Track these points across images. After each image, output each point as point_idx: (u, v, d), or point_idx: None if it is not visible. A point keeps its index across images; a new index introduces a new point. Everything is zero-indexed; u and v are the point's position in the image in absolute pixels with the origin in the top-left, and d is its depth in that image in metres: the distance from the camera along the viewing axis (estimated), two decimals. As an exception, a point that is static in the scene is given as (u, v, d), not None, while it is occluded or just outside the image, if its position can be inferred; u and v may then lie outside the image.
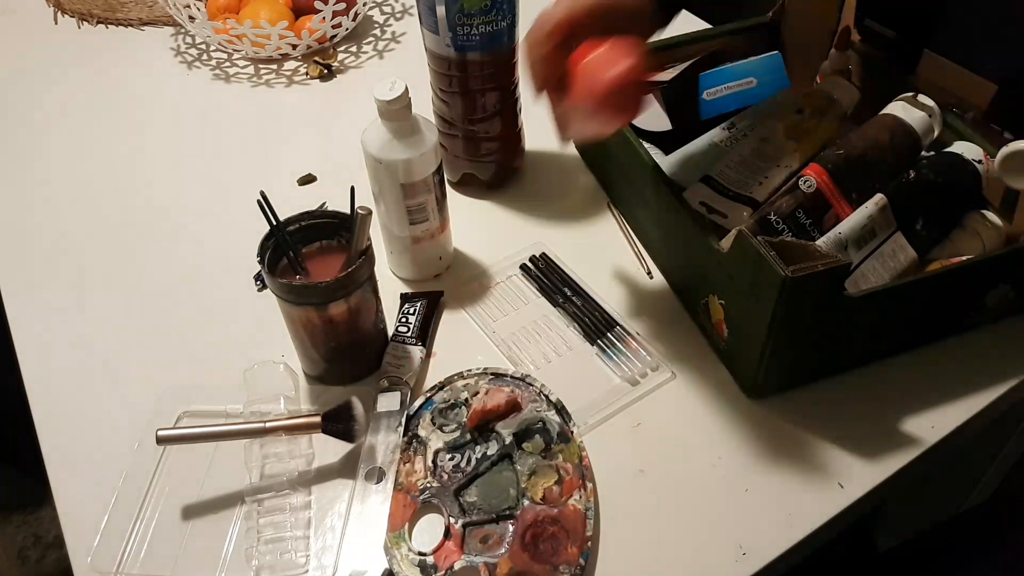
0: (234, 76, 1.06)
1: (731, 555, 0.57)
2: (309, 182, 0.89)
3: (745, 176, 0.69)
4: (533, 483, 0.60)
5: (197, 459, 0.63)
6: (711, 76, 0.79)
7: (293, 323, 0.64)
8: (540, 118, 0.83)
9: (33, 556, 1.39)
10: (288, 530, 0.59)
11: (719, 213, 0.68)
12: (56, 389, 0.69)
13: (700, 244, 0.64)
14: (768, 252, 0.55)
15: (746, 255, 0.58)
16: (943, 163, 0.66)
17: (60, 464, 0.64)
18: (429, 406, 0.65)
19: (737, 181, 0.69)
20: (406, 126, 0.66)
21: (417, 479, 0.61)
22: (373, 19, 1.16)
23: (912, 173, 0.64)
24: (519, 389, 0.66)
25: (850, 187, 0.64)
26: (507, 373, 0.67)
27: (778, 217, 0.63)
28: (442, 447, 0.62)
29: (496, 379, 0.67)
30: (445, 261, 0.78)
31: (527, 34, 0.59)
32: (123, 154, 0.94)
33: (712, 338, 0.69)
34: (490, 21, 0.72)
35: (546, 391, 0.65)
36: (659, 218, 0.73)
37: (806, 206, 0.63)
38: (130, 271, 0.80)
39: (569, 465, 0.61)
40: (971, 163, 0.65)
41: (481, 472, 0.61)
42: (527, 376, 0.67)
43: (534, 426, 0.63)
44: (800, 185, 0.64)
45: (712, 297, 0.65)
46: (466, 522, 0.58)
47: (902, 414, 0.64)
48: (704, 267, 0.66)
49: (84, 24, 1.17)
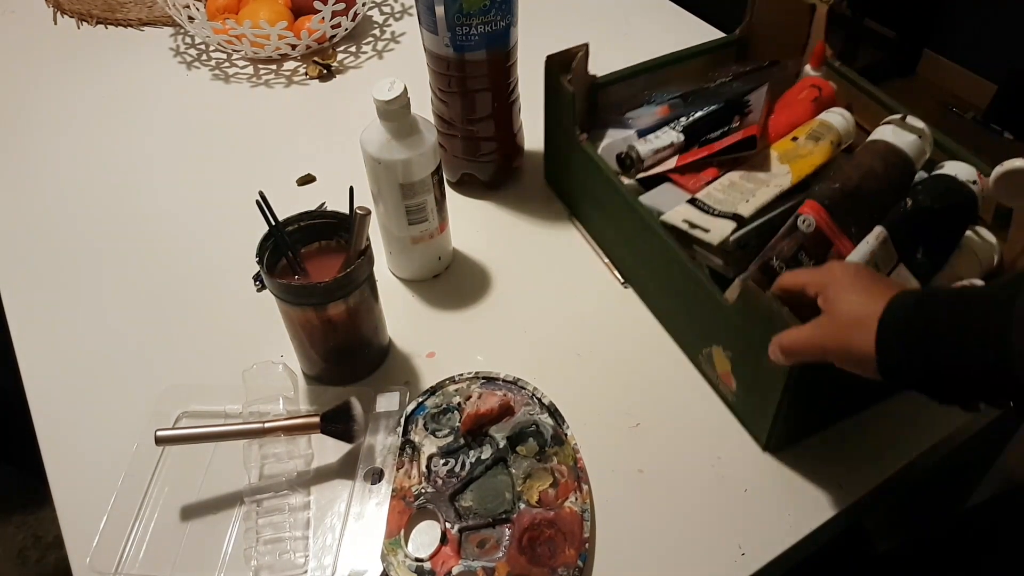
0: (233, 76, 1.06)
1: (730, 555, 0.57)
2: (308, 182, 0.89)
3: (732, 196, 0.68)
4: (528, 486, 0.60)
5: (196, 460, 0.63)
6: None
7: (292, 323, 0.64)
8: (539, 118, 0.83)
9: (33, 556, 1.39)
10: (287, 530, 0.59)
11: (701, 228, 0.65)
12: (56, 389, 0.69)
13: (701, 293, 0.62)
14: (780, 308, 0.53)
15: (755, 310, 0.55)
16: (939, 188, 0.63)
17: (60, 464, 0.64)
18: (421, 411, 0.65)
19: (723, 201, 0.67)
20: (405, 126, 0.66)
21: (412, 485, 0.60)
22: (372, 19, 1.16)
23: (909, 201, 0.62)
24: (511, 392, 0.66)
25: (849, 222, 0.62)
26: (499, 376, 0.67)
27: (781, 261, 0.61)
28: (436, 452, 0.62)
29: (488, 383, 0.67)
30: (444, 261, 0.78)
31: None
32: (122, 154, 0.94)
33: (717, 388, 0.67)
34: (489, 21, 0.72)
35: (538, 394, 0.65)
36: (653, 267, 0.70)
37: (807, 246, 0.61)
38: (129, 271, 0.80)
39: (564, 467, 0.61)
40: (966, 185, 0.63)
41: (476, 476, 0.61)
42: (519, 380, 0.67)
43: (527, 429, 0.63)
44: (799, 225, 0.62)
45: (716, 348, 0.63)
46: (462, 527, 0.58)
47: (902, 415, 0.64)
48: (706, 317, 0.64)
49: (83, 24, 1.17)
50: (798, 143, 0.70)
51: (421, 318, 0.75)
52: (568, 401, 0.65)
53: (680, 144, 0.73)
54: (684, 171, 0.72)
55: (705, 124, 0.74)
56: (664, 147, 0.73)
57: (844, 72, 0.78)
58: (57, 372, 0.71)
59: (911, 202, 0.62)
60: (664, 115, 0.77)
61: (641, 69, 0.81)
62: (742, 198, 0.66)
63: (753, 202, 0.66)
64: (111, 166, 0.93)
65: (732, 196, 0.67)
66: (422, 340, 0.72)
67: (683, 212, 0.67)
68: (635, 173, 0.73)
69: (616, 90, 0.80)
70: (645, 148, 0.72)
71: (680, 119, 0.75)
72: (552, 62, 0.74)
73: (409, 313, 0.75)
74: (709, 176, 0.71)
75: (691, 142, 0.74)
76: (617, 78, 0.80)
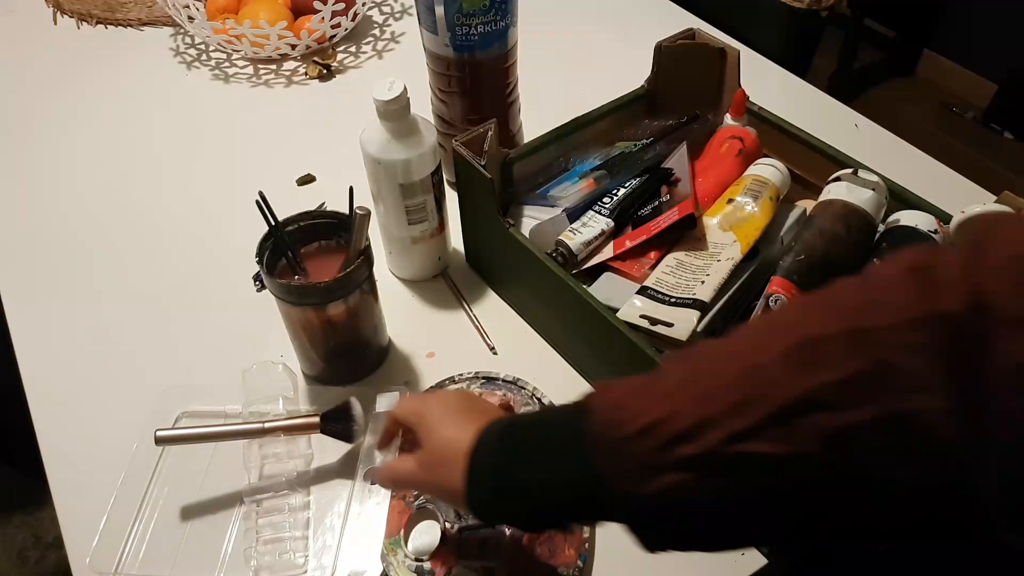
0: (233, 76, 1.06)
1: (730, 555, 0.57)
2: (308, 182, 0.89)
3: (684, 278, 0.63)
4: None
5: (196, 460, 0.63)
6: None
7: (292, 323, 0.64)
8: (539, 118, 0.83)
9: (33, 556, 1.39)
10: (287, 530, 0.59)
11: (663, 323, 0.60)
12: (56, 389, 0.69)
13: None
14: None
15: None
16: (902, 244, 0.61)
17: (60, 464, 0.64)
18: None
19: (677, 286, 0.63)
20: (405, 126, 0.66)
21: None
22: (372, 19, 1.16)
23: (877, 262, 0.61)
24: (511, 392, 0.66)
25: None
26: (499, 376, 0.67)
27: None
28: None
29: (488, 383, 0.67)
30: (444, 261, 0.78)
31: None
32: (122, 154, 0.94)
33: None
34: (489, 21, 0.72)
35: (538, 394, 0.65)
36: (612, 360, 0.63)
37: None
38: (129, 271, 0.80)
39: None
40: (929, 236, 0.61)
41: None
42: (519, 379, 0.66)
43: None
44: (771, 305, 0.59)
45: None
46: (462, 527, 0.58)
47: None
48: None
49: (83, 25, 1.17)
50: (735, 205, 0.67)
51: (421, 318, 0.75)
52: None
53: (611, 230, 0.70)
54: (624, 257, 0.68)
55: (633, 201, 0.71)
56: (596, 236, 0.69)
57: (766, 116, 0.74)
58: (57, 372, 0.71)
59: (879, 263, 0.60)
60: (590, 189, 0.72)
61: (552, 137, 0.75)
62: (695, 279, 0.63)
63: (710, 282, 0.62)
64: (111, 166, 0.93)
65: (684, 279, 0.63)
66: (422, 340, 0.72)
67: (639, 307, 0.62)
68: (571, 269, 0.68)
69: (530, 161, 0.74)
70: (576, 242, 0.68)
71: (606, 197, 0.71)
72: (461, 147, 0.68)
73: (409, 313, 0.75)
74: (652, 259, 0.67)
75: (622, 224, 0.70)
76: (528, 150, 0.74)
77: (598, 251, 0.70)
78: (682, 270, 0.64)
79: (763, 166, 0.70)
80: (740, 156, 0.73)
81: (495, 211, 0.68)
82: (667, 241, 0.68)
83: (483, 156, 0.68)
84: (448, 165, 0.79)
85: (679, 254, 0.66)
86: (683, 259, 0.66)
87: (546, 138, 0.75)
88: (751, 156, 0.73)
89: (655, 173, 0.73)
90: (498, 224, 0.68)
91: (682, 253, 0.66)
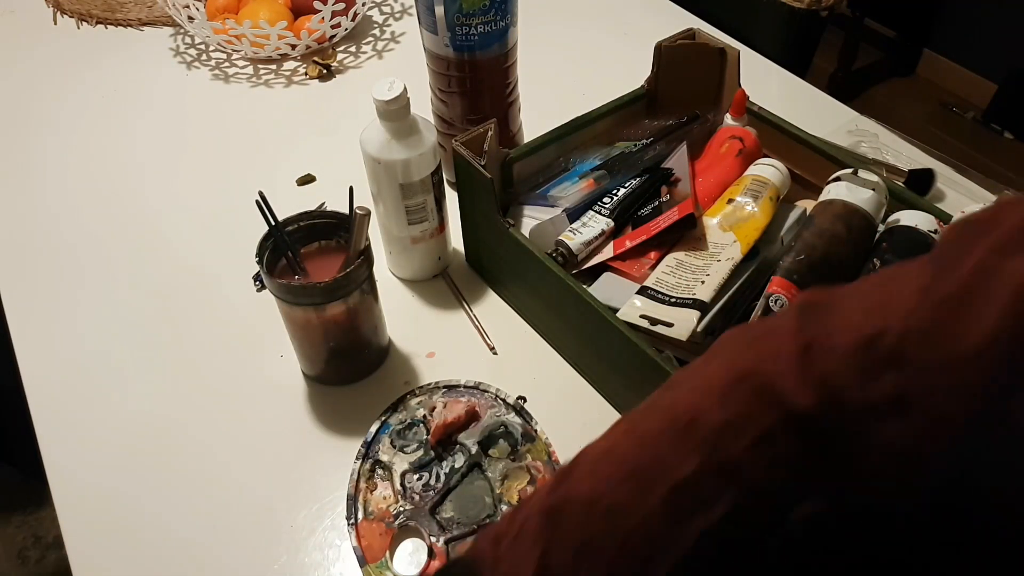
0: (233, 76, 1.06)
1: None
2: (308, 182, 0.89)
3: (684, 278, 0.63)
4: (507, 487, 0.60)
5: (197, 460, 0.63)
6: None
7: (292, 323, 0.64)
8: (539, 118, 0.83)
9: (33, 556, 1.39)
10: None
11: (663, 323, 0.60)
12: (56, 389, 0.69)
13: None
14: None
15: None
16: (904, 244, 0.61)
17: (60, 464, 0.64)
18: (386, 429, 0.64)
19: (677, 286, 0.63)
20: (405, 126, 0.66)
21: (388, 505, 0.60)
22: (372, 19, 1.16)
23: (877, 263, 0.60)
24: (475, 397, 0.66)
25: None
26: (459, 384, 0.67)
27: None
28: (408, 468, 0.61)
29: (450, 391, 0.66)
30: (444, 261, 0.78)
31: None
32: (122, 154, 0.94)
33: None
34: (489, 21, 0.72)
35: (502, 395, 0.65)
36: (612, 361, 0.64)
37: None
38: (129, 271, 0.80)
39: (539, 463, 0.61)
40: (929, 235, 0.60)
41: (453, 486, 0.60)
42: (480, 383, 0.66)
43: (496, 431, 0.63)
44: (772, 306, 0.59)
45: None
46: (448, 538, 0.57)
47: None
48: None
49: (83, 24, 1.17)
50: (735, 205, 0.67)
51: (421, 318, 0.75)
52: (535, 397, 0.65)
53: (611, 230, 0.70)
54: (624, 257, 0.68)
55: (633, 201, 0.71)
56: (595, 236, 0.69)
57: (766, 116, 0.74)
58: (57, 372, 0.71)
59: (879, 263, 0.60)
60: (590, 189, 0.72)
61: (552, 137, 0.74)
62: (696, 279, 0.63)
63: (710, 282, 0.62)
64: (111, 166, 0.93)
65: (684, 278, 0.63)
66: (422, 340, 0.72)
67: (639, 307, 0.62)
68: (571, 269, 0.68)
69: (530, 161, 0.74)
70: (576, 242, 0.68)
71: (606, 197, 0.71)
72: (461, 147, 0.67)
73: (409, 313, 0.75)
74: (652, 259, 0.67)
75: (622, 224, 0.70)
76: (528, 150, 0.74)
77: (598, 251, 0.70)
78: (682, 270, 0.64)
79: (763, 166, 0.70)
80: (740, 156, 0.72)
81: (495, 211, 0.68)
82: (667, 241, 0.68)
83: (483, 156, 0.68)
84: (448, 165, 0.79)
85: (679, 254, 0.66)
86: (683, 259, 0.66)
87: (546, 138, 0.75)
88: (751, 156, 0.73)
89: (655, 173, 0.73)
90: (498, 224, 0.68)
91: (682, 253, 0.66)
